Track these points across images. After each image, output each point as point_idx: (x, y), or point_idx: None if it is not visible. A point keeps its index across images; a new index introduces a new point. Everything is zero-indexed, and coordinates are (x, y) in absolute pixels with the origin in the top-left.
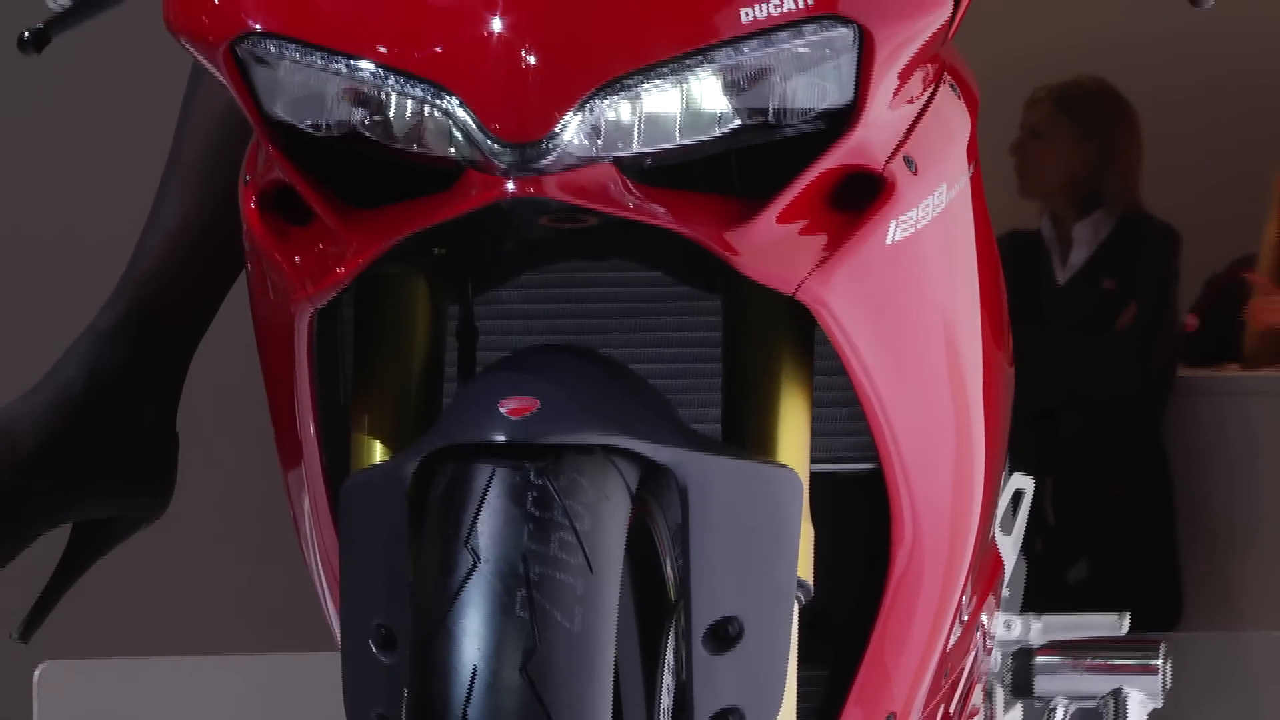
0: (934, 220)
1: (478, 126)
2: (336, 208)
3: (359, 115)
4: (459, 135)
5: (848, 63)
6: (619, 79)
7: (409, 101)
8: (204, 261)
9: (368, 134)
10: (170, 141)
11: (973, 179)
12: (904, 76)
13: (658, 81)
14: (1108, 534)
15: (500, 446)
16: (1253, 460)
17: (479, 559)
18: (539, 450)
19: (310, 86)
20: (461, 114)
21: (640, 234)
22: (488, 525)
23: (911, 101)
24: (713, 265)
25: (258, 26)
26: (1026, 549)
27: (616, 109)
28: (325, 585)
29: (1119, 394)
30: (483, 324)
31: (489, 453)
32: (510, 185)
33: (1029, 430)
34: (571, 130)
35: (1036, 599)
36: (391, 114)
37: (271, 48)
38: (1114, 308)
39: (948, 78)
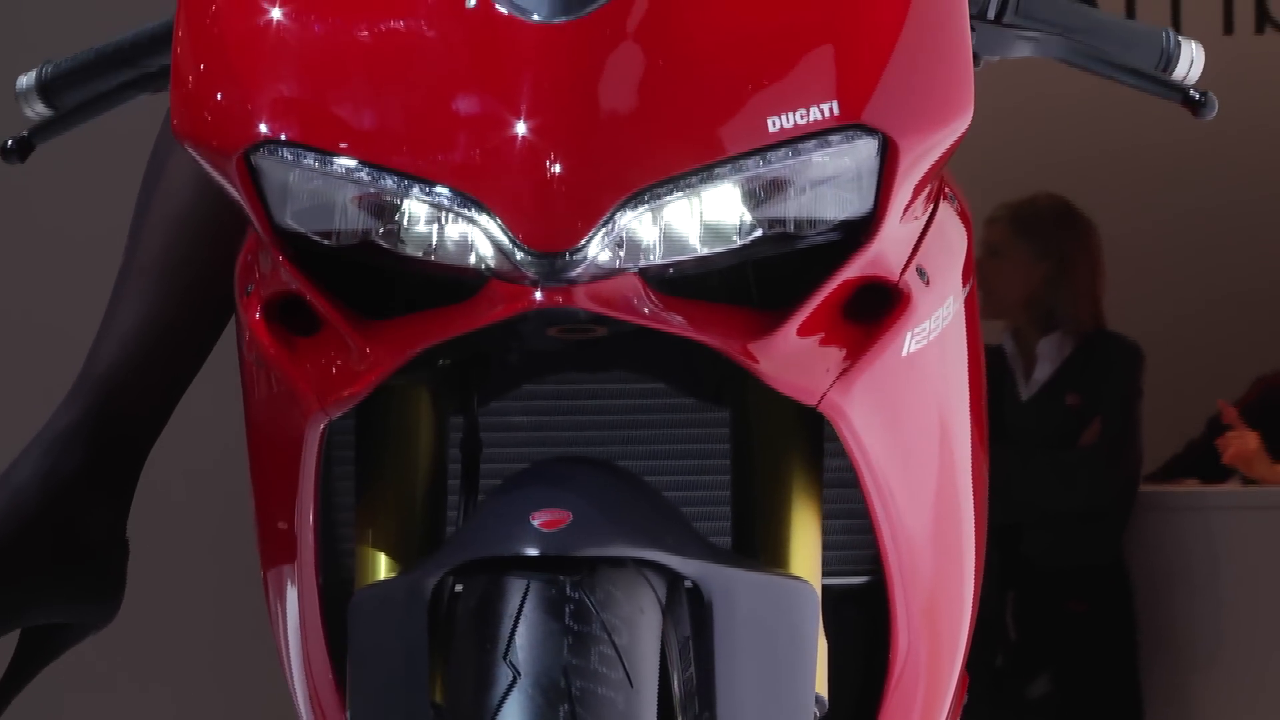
0: (942, 332)
1: (507, 236)
2: (351, 319)
3: (374, 225)
4: (483, 245)
5: (870, 173)
6: (649, 188)
7: (429, 211)
8: (162, 364)
9: (382, 244)
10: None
11: (970, 292)
12: (917, 188)
13: (686, 191)
14: (1069, 650)
15: (533, 560)
16: (1214, 576)
17: (519, 673)
18: (573, 563)
19: (325, 195)
20: (490, 224)
21: (642, 344)
22: (526, 638)
23: (920, 214)
24: (719, 375)
25: (279, 134)
26: (988, 664)
27: (645, 219)
28: (307, 700)
29: (1082, 510)
30: (485, 435)
31: (521, 565)
32: (538, 295)
33: (991, 544)
34: (602, 240)
35: (998, 714)
36: (410, 223)
37: (289, 155)
38: (1078, 424)
39: (947, 192)
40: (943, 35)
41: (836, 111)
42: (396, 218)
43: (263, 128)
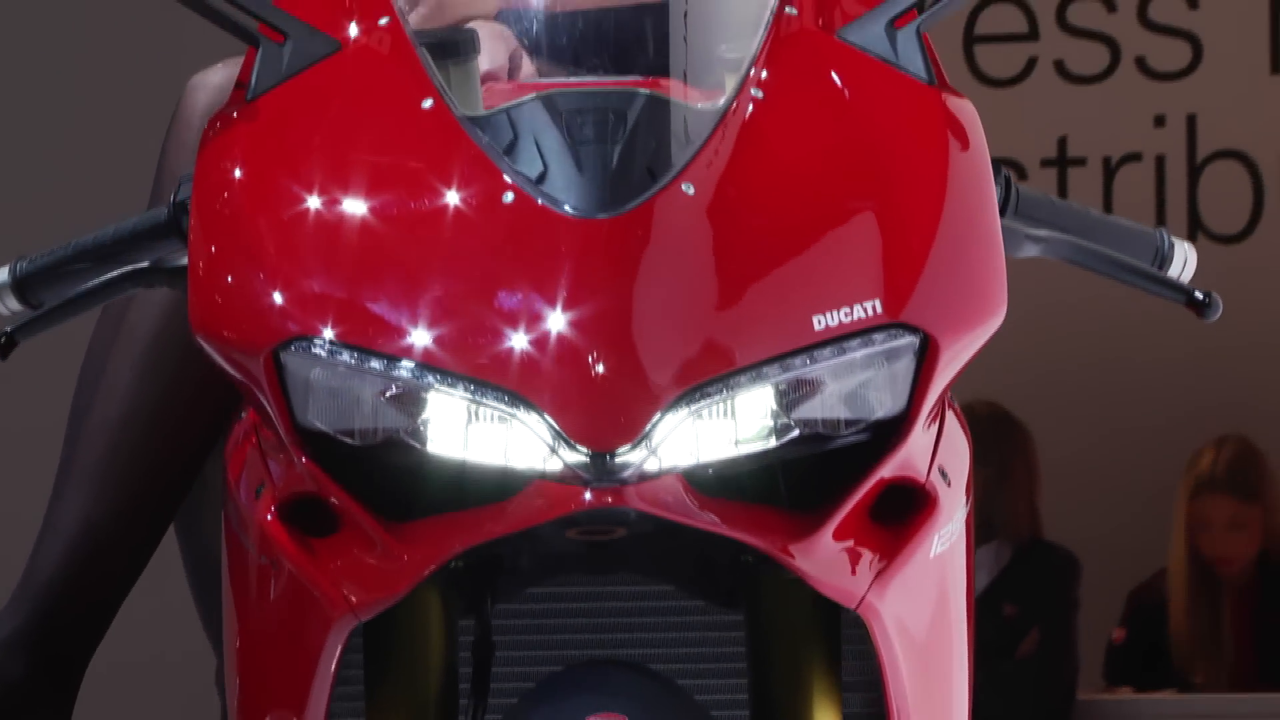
0: (959, 535)
1: (557, 435)
2: (380, 519)
3: (403, 422)
4: (521, 444)
5: (906, 372)
6: (699, 386)
7: (460, 407)
8: (105, 566)
9: (412, 441)
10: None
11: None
12: (944, 389)
13: (736, 390)
14: None
15: None
16: None
17: None
18: None
19: (353, 392)
20: (537, 421)
21: (651, 545)
22: None
23: (936, 417)
24: (734, 576)
25: (310, 331)
26: None
27: (695, 417)
28: None
29: None
30: (496, 638)
31: None
32: (588, 496)
33: None
34: (655, 438)
35: None
36: (440, 420)
37: (321, 352)
38: (1015, 634)
39: (950, 396)
40: (976, 232)
41: (879, 310)
42: (425, 415)
43: (293, 324)
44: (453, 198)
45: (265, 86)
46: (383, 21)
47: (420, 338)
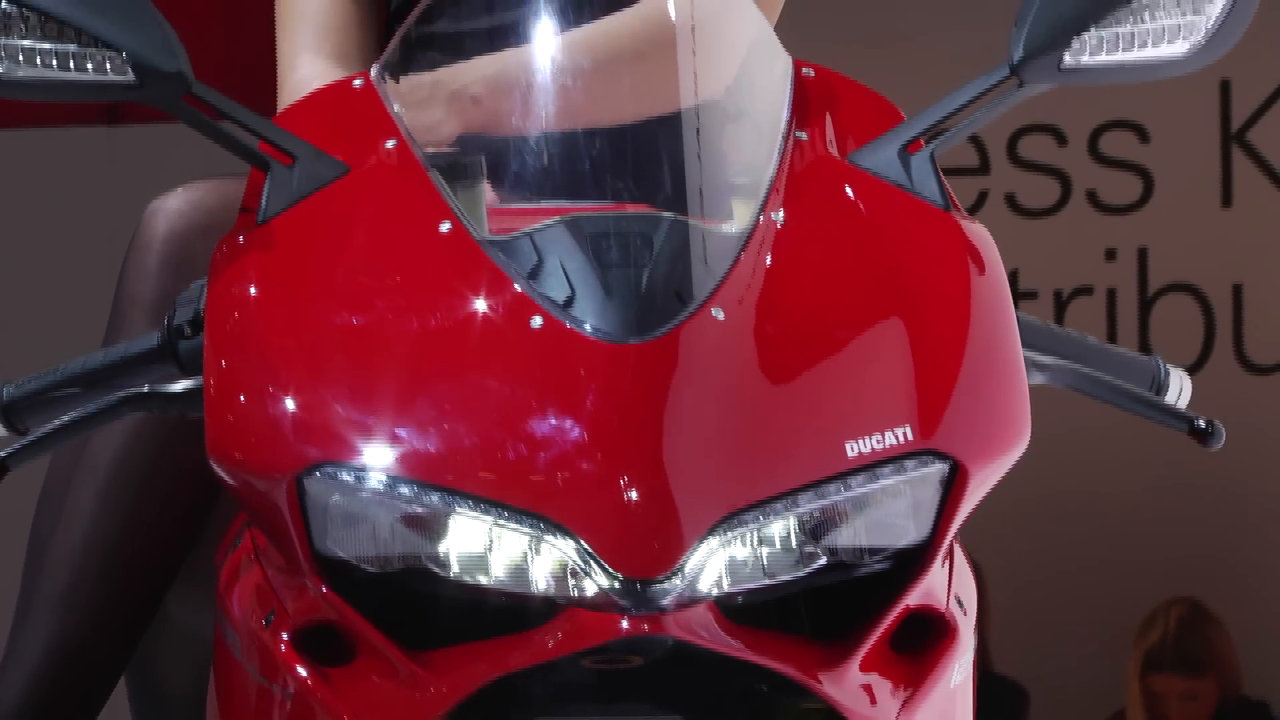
0: (971, 666)
1: (592, 562)
2: (403, 649)
3: (426, 548)
4: (550, 570)
5: (932, 500)
6: (736, 513)
7: (485, 533)
8: (70, 694)
9: (435, 568)
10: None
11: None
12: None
13: (773, 517)
14: None
15: None
16: None
17: None
18: None
19: (375, 518)
20: (574, 548)
21: (660, 674)
22: None
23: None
24: (747, 705)
25: (335, 457)
26: None
27: (731, 544)
28: None
29: None
30: None
31: None
32: (624, 624)
33: None
34: (693, 565)
35: None
36: (464, 547)
37: (349, 478)
38: None
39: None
40: (1000, 358)
41: (911, 436)
42: (450, 541)
43: (317, 450)
44: (479, 322)
45: (276, 209)
46: (389, 144)
47: (450, 463)
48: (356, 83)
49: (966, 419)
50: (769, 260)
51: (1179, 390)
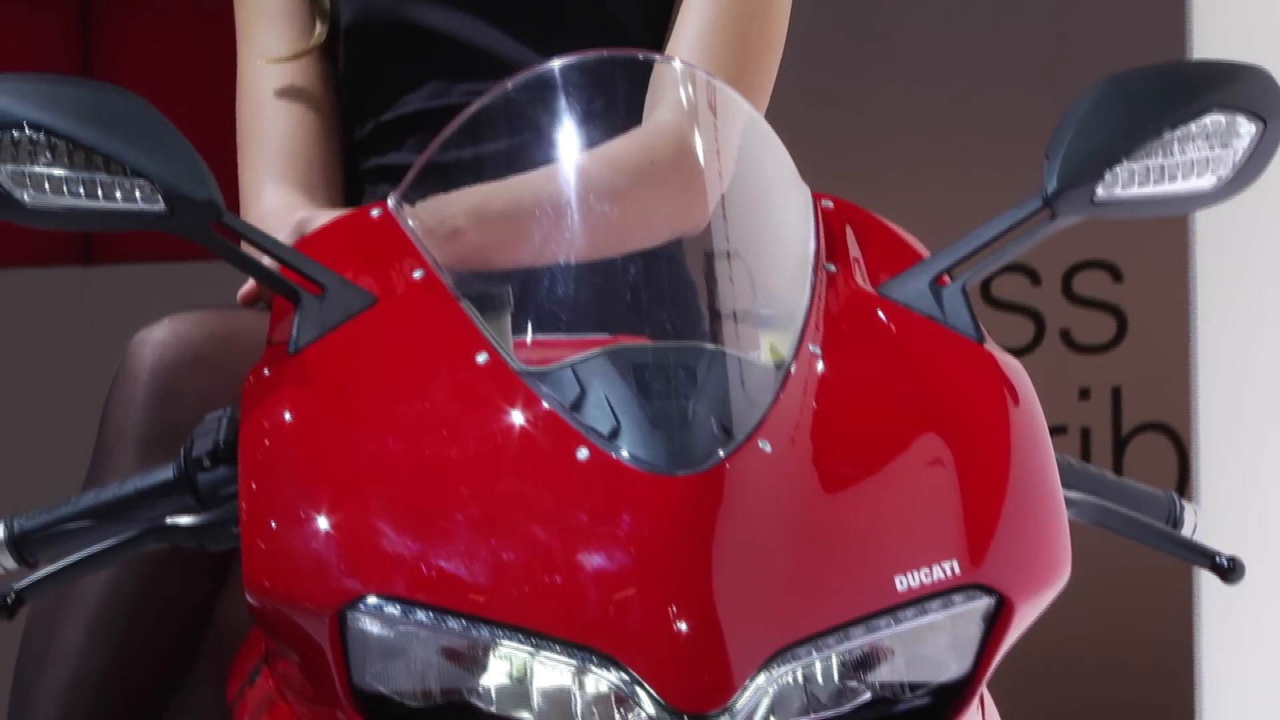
0: None
1: (647, 694)
2: None
3: (469, 682)
4: (597, 704)
5: (976, 633)
6: (788, 647)
7: (530, 667)
8: None
9: (478, 702)
10: None
11: None
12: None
13: (824, 651)
14: None
15: None
16: None
17: None
18: None
19: (423, 652)
20: (624, 682)
21: None
22: None
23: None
24: None
25: (380, 590)
26: None
27: (782, 678)
28: None
29: None
30: None
31: None
32: None
33: None
34: (745, 702)
35: None
36: (507, 680)
37: (395, 611)
38: None
39: None
40: (1041, 490)
41: (958, 570)
42: (494, 674)
43: (361, 583)
44: (523, 453)
45: (308, 339)
46: (417, 274)
47: (497, 595)
48: (375, 212)
49: (1011, 553)
50: (811, 393)
51: (1192, 525)
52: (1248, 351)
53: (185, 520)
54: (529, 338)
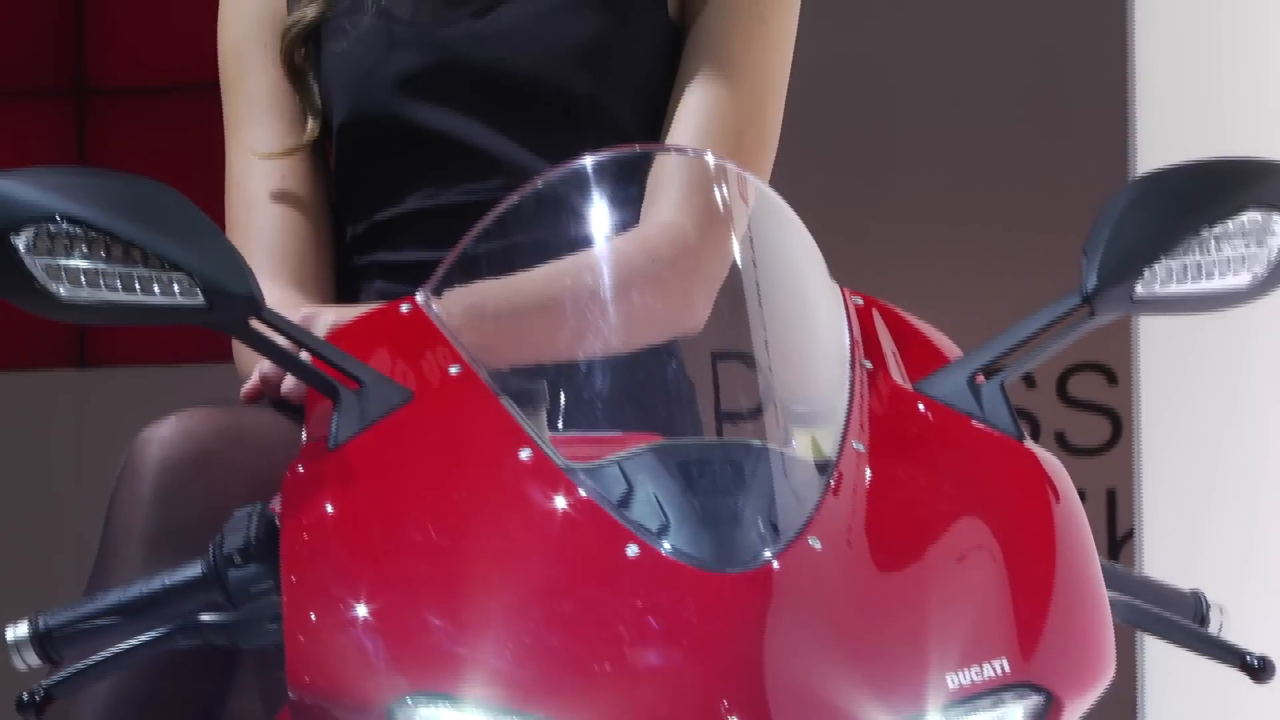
0: None
1: None
2: None
3: None
4: None
5: None
6: None
7: None
8: None
9: None
10: None
11: None
12: None
13: None
14: None
15: None
16: None
17: None
18: None
19: None
20: None
21: None
22: None
23: None
24: None
25: (430, 687)
26: None
27: None
28: None
29: None
30: None
31: None
32: None
33: None
34: None
35: None
36: None
37: (444, 708)
38: None
39: None
40: (1086, 588)
41: (1008, 669)
42: None
43: (409, 680)
44: (571, 549)
45: (347, 435)
46: (453, 370)
47: (548, 691)
48: (404, 308)
49: (1060, 650)
50: (858, 491)
51: (1219, 623)
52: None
53: (218, 617)
54: (569, 433)
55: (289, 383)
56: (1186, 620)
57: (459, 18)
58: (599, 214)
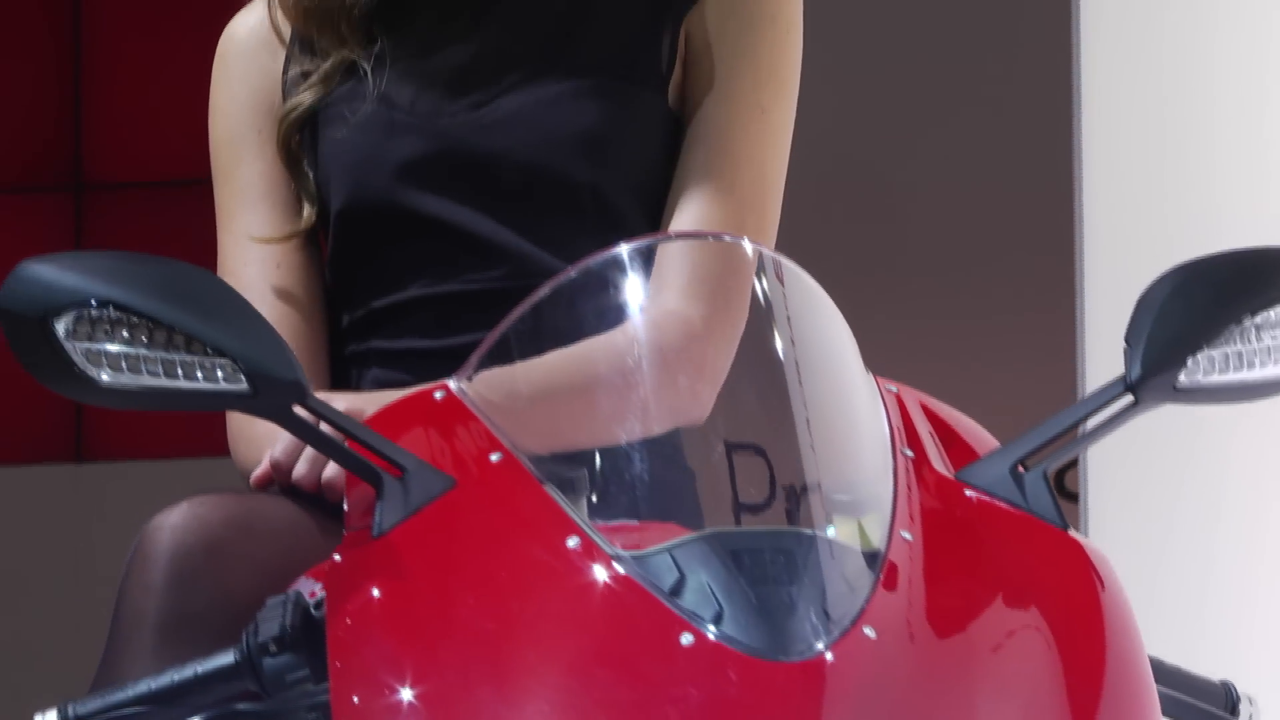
0: None
1: None
2: None
3: None
4: None
5: None
6: None
7: None
8: None
9: None
10: None
11: None
12: None
13: None
14: None
15: None
16: None
17: None
18: None
19: None
20: None
21: None
22: None
23: None
24: None
25: None
26: None
27: None
28: None
29: None
30: None
31: None
32: None
33: None
34: None
35: None
36: None
37: None
38: None
39: None
40: (1135, 678)
41: None
42: None
43: None
44: (624, 638)
45: (391, 522)
46: (494, 457)
47: None
48: (438, 394)
49: None
50: (909, 580)
51: (1249, 715)
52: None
53: (252, 706)
54: (614, 521)
55: (300, 469)
56: (1218, 710)
57: (459, 107)
58: (627, 301)
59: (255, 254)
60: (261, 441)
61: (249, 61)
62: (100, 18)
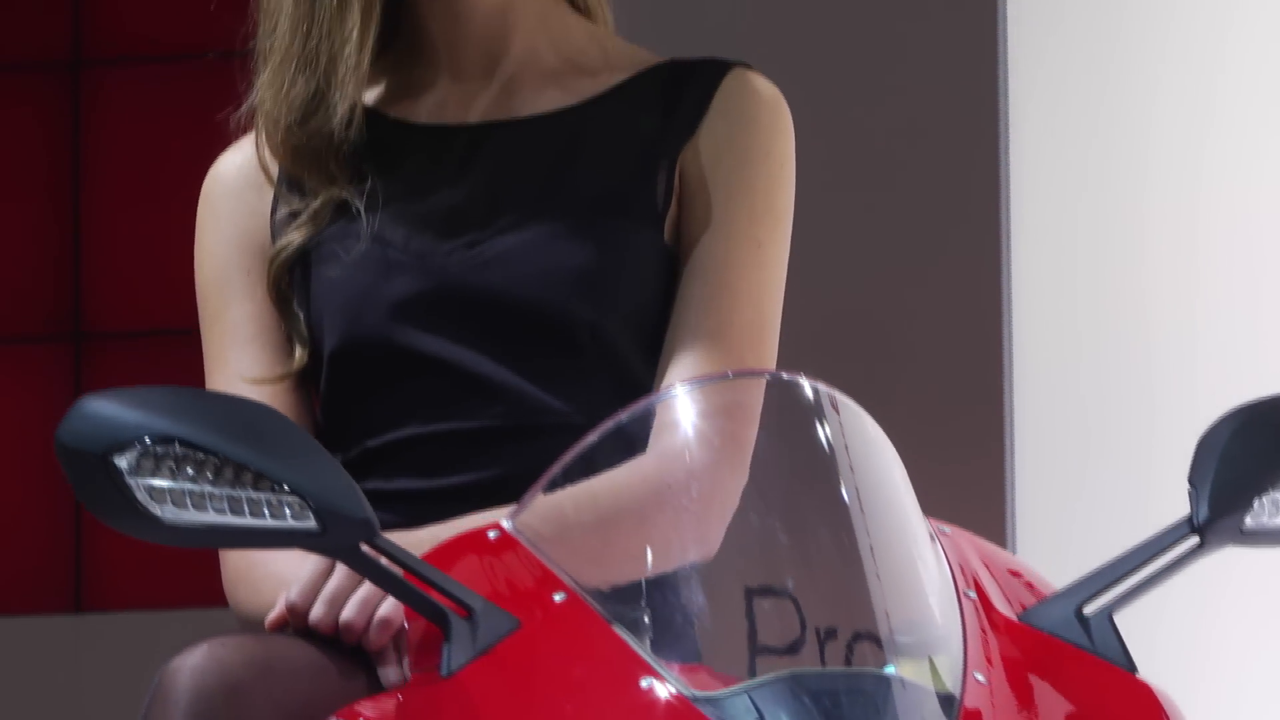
0: None
1: None
2: None
3: None
4: None
5: None
6: None
7: None
8: None
9: None
10: None
11: None
12: None
13: None
14: None
15: None
16: None
17: None
18: None
19: None
20: None
21: None
22: None
23: None
24: None
25: None
26: None
27: None
28: None
29: None
30: None
31: None
32: None
33: None
34: None
35: None
36: None
37: None
38: None
39: None
40: None
41: None
42: None
43: None
44: None
45: (460, 663)
46: (558, 597)
47: None
48: (491, 534)
49: None
50: None
51: None
52: None
53: None
54: (684, 659)
55: (317, 612)
56: None
57: (454, 246)
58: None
59: (245, 394)
60: (262, 585)
61: (236, 201)
62: (99, 174)
